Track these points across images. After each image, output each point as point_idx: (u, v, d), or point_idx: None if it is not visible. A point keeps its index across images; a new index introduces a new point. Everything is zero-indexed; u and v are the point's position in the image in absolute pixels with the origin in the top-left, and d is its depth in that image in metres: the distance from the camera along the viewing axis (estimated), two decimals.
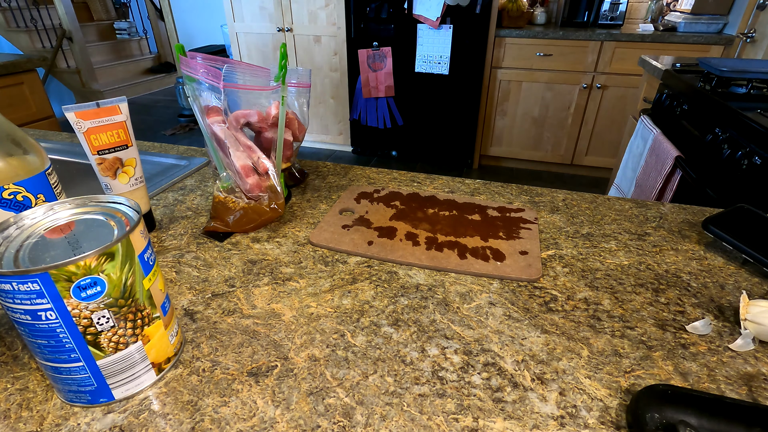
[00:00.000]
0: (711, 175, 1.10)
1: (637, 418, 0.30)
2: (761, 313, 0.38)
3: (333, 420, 0.31)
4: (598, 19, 2.50)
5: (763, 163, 0.93)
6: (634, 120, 1.75)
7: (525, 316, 0.41)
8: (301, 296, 0.44)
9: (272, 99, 0.55)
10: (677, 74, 1.39)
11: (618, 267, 0.49)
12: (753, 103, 1.09)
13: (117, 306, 0.30)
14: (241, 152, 0.52)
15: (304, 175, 0.69)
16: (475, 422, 0.31)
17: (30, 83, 1.87)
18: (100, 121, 0.47)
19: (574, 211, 0.60)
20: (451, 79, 2.57)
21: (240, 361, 0.36)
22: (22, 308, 0.28)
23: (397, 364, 0.36)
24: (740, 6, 2.16)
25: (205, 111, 0.52)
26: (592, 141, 2.62)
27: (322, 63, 2.86)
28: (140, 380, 0.33)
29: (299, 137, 0.62)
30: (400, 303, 0.43)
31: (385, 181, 0.69)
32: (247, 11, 2.85)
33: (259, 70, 0.51)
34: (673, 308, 0.43)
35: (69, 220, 0.32)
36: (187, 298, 0.44)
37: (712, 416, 0.30)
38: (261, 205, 0.53)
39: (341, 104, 2.97)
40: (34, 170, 0.40)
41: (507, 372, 0.35)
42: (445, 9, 2.36)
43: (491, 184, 0.68)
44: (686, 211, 0.60)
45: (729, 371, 0.36)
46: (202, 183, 0.68)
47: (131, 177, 0.51)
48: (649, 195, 1.32)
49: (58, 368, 0.30)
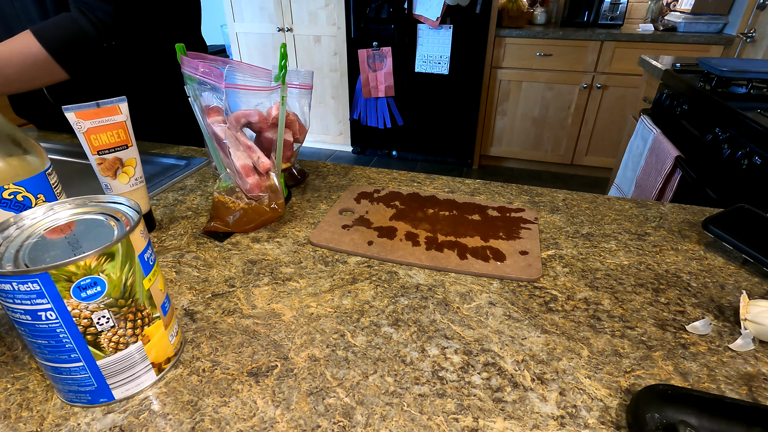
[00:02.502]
0: (711, 175, 1.10)
1: (637, 418, 0.30)
2: (761, 313, 0.38)
3: (333, 420, 0.31)
4: (598, 19, 2.50)
5: (763, 163, 0.93)
6: (634, 120, 1.75)
7: (525, 316, 0.41)
8: (301, 296, 0.44)
9: (273, 99, 0.55)
10: (677, 74, 1.39)
11: (618, 267, 0.49)
12: (753, 103, 1.09)
13: (117, 306, 0.30)
14: (241, 152, 0.52)
15: (304, 175, 0.69)
16: (475, 422, 0.31)
17: None
18: (100, 121, 0.47)
19: (574, 211, 0.60)
20: (451, 79, 2.57)
21: (240, 361, 0.36)
22: (22, 308, 0.28)
23: (397, 364, 0.36)
24: (740, 6, 2.16)
25: (205, 111, 0.52)
26: (592, 141, 2.62)
27: (322, 63, 2.86)
28: (140, 380, 0.33)
29: (300, 139, 0.62)
30: (400, 303, 0.43)
31: (385, 181, 0.69)
32: (247, 11, 2.85)
33: (260, 71, 0.51)
34: (673, 308, 0.43)
35: (69, 220, 0.32)
36: (187, 298, 0.44)
37: (712, 416, 0.30)
38: (261, 205, 0.53)
39: (341, 104, 2.97)
40: (34, 170, 0.40)
41: (507, 372, 0.35)
42: (445, 9, 2.36)
43: (491, 184, 0.68)
44: (686, 211, 0.60)
45: (729, 371, 0.36)
46: (202, 183, 0.68)
47: (131, 177, 0.51)
48: (649, 195, 1.32)
49: (58, 368, 0.30)
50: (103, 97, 0.50)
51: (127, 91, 0.62)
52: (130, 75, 0.83)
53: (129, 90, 0.65)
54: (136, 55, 0.78)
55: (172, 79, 0.80)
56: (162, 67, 0.83)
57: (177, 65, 0.53)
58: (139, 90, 0.80)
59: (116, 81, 0.81)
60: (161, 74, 0.85)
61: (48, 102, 0.84)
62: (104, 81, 0.80)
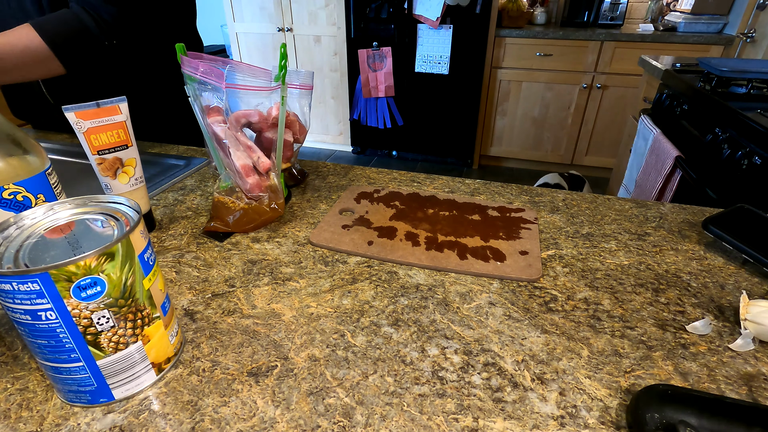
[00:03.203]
0: (711, 175, 1.10)
1: (637, 418, 0.30)
2: (761, 313, 0.38)
3: (333, 420, 0.31)
4: (598, 19, 2.50)
5: (763, 163, 0.93)
6: (634, 120, 1.75)
7: (525, 316, 0.41)
8: (301, 296, 0.44)
9: (273, 99, 0.55)
10: (677, 74, 1.39)
11: (618, 267, 0.49)
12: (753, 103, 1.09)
13: (117, 306, 0.30)
14: (241, 152, 0.52)
15: (304, 175, 0.69)
16: (475, 422, 0.31)
17: None
18: (100, 121, 0.47)
19: (574, 211, 0.60)
20: (451, 79, 2.57)
21: (240, 361, 0.36)
22: (22, 308, 0.28)
23: (397, 364, 0.36)
24: (740, 6, 2.16)
25: (205, 111, 0.52)
26: (592, 141, 2.62)
27: (322, 63, 2.86)
28: (140, 380, 0.33)
29: (300, 139, 0.62)
30: (400, 303, 0.43)
31: (385, 181, 0.69)
32: (247, 11, 2.85)
33: (260, 71, 0.51)
34: (673, 308, 0.43)
35: (69, 220, 0.32)
36: (187, 298, 0.44)
37: (712, 416, 0.30)
38: (261, 205, 0.53)
39: (341, 104, 2.97)
40: (34, 170, 0.40)
41: (507, 372, 0.35)
42: (445, 9, 2.36)
43: (491, 184, 0.68)
44: (686, 211, 0.60)
45: (729, 371, 0.36)
46: (202, 183, 0.68)
47: (131, 177, 0.51)
48: (649, 195, 1.32)
49: (58, 368, 0.30)
50: (103, 96, 0.50)
51: (127, 90, 0.62)
52: (129, 74, 0.83)
53: (129, 89, 0.65)
54: (136, 53, 0.78)
55: (171, 78, 0.80)
56: (161, 66, 0.83)
57: (176, 64, 0.53)
58: (139, 90, 0.80)
59: (116, 80, 0.81)
60: (160, 73, 0.85)
61: (48, 102, 0.84)
62: (104, 80, 0.80)
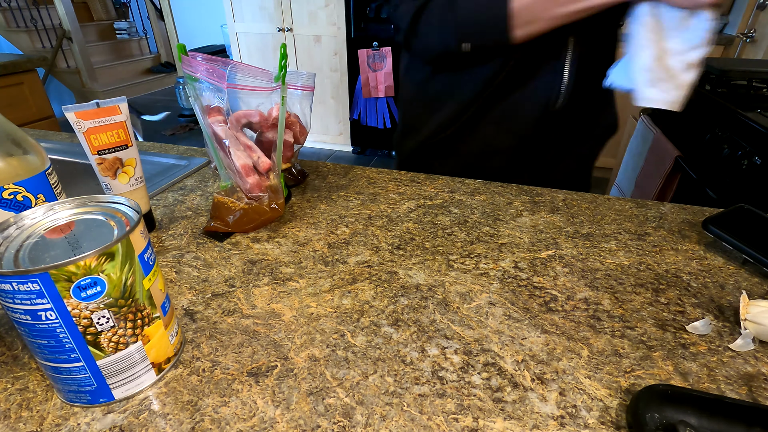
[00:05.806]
0: (711, 175, 1.10)
1: (637, 418, 0.30)
2: (761, 313, 0.38)
3: (333, 420, 0.31)
4: None
5: (763, 163, 0.93)
6: (634, 120, 1.75)
7: (525, 316, 0.41)
8: (301, 296, 0.44)
9: (273, 100, 0.55)
10: None
11: (618, 267, 0.49)
12: (753, 103, 1.09)
13: (117, 306, 0.30)
14: (241, 152, 0.52)
15: (304, 176, 0.69)
16: (475, 422, 0.31)
17: (30, 83, 1.87)
18: (100, 121, 0.47)
19: (574, 211, 0.60)
20: None
21: (240, 361, 0.36)
22: (22, 308, 0.28)
23: (397, 364, 0.36)
24: (740, 6, 2.16)
25: (206, 111, 0.52)
26: None
27: (322, 63, 2.86)
28: (140, 380, 0.33)
29: (300, 140, 0.62)
30: (400, 303, 0.43)
31: (385, 181, 0.69)
32: (247, 11, 2.85)
33: (260, 71, 0.51)
34: (673, 308, 0.43)
35: (69, 220, 0.32)
36: (187, 298, 0.44)
37: (712, 416, 0.30)
38: (261, 205, 0.53)
39: (341, 104, 2.97)
40: (34, 170, 0.40)
41: (507, 372, 0.35)
42: None
43: (491, 184, 0.68)
44: (686, 211, 0.60)
45: (729, 371, 0.36)
46: (202, 183, 0.68)
47: (131, 177, 0.51)
48: (649, 195, 1.32)
49: (58, 368, 0.30)
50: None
51: None
52: None
53: None
54: None
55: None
56: None
57: None
58: None
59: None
60: None
61: None
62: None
